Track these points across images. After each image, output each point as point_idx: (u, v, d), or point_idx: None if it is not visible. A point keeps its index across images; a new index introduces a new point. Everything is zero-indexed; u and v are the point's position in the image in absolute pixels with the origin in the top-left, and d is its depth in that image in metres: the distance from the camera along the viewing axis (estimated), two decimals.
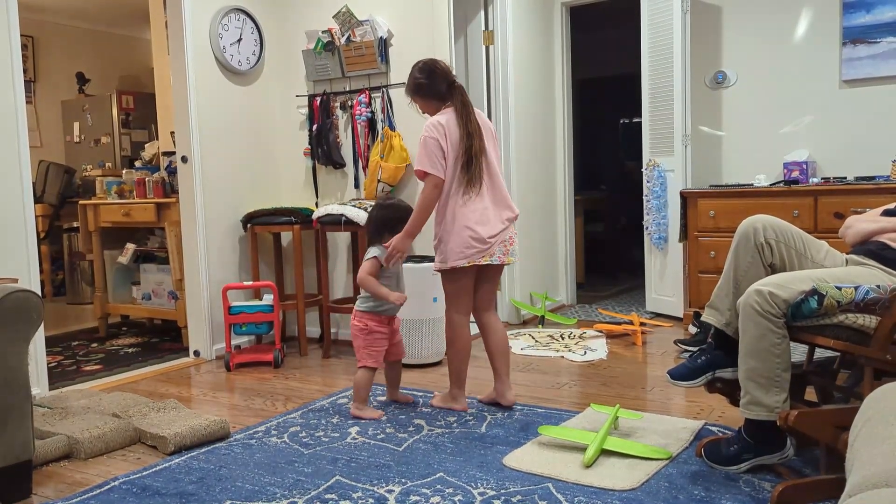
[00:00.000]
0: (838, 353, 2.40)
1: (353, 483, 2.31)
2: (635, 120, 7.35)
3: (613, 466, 2.36)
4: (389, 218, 3.05)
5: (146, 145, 5.48)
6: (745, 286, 2.22)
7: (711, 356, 2.36)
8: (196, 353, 4.20)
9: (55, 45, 7.30)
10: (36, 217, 3.42)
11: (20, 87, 3.29)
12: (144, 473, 2.46)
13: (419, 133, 4.04)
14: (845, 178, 4.34)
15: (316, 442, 2.71)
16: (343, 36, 4.23)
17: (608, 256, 6.97)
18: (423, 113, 3.11)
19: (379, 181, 4.10)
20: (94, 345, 4.65)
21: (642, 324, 4.45)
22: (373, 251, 3.04)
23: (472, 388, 3.35)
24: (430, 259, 3.80)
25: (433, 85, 3.00)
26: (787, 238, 2.35)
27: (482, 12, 4.72)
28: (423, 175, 2.91)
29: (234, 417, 3.07)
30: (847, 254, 2.38)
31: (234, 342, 4.14)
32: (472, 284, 3.00)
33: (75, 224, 6.12)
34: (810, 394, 2.59)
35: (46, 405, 3.09)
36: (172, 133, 4.57)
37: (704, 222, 4.48)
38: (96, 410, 2.98)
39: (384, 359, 3.11)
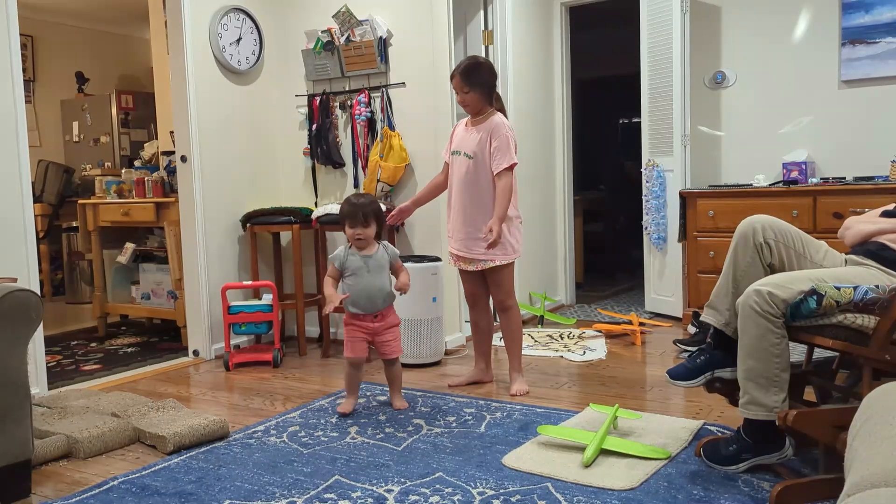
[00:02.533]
0: (837, 353, 2.40)
1: (353, 483, 2.31)
2: (634, 120, 7.35)
3: (612, 466, 2.36)
4: (343, 213, 3.03)
5: (145, 145, 5.48)
6: (744, 286, 2.22)
7: (710, 356, 2.36)
8: (195, 353, 4.20)
9: (54, 44, 7.29)
10: (35, 216, 3.41)
11: (19, 87, 3.29)
12: (143, 473, 2.46)
13: (418, 133, 4.09)
14: (844, 178, 4.35)
15: (315, 441, 2.71)
16: (343, 36, 4.23)
17: (607, 256, 6.97)
18: (462, 103, 3.21)
19: (378, 181, 4.10)
20: (94, 344, 4.65)
21: (641, 324, 4.45)
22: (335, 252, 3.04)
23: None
24: (430, 259, 3.80)
25: (494, 89, 3.23)
26: (787, 238, 2.35)
27: (482, 12, 4.72)
28: (512, 167, 3.14)
29: (233, 417, 3.07)
30: (846, 254, 2.39)
31: (233, 342, 4.14)
32: None
33: (74, 223, 6.11)
34: (809, 394, 2.59)
35: (45, 405, 3.09)
36: (172, 132, 4.57)
37: (703, 222, 4.48)
38: (95, 410, 2.98)
39: (381, 358, 3.12)
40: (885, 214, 2.41)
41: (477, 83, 3.13)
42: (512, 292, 3.28)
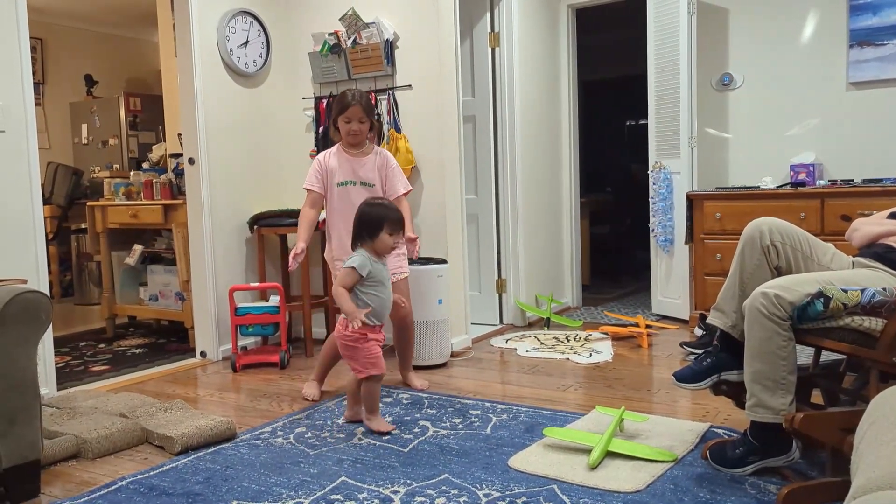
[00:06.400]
0: (844, 356, 2.39)
1: (359, 484, 2.32)
2: (641, 122, 7.35)
3: (618, 468, 2.36)
4: (384, 216, 2.84)
5: (153, 147, 5.51)
6: (751, 288, 2.22)
7: (717, 358, 2.36)
8: (202, 354, 4.21)
9: (64, 47, 7.34)
10: (44, 218, 3.44)
11: (29, 89, 3.31)
12: (151, 473, 2.47)
13: (424, 135, 4.11)
14: (852, 180, 4.34)
15: (322, 443, 2.72)
16: (349, 38, 4.25)
17: (614, 259, 6.96)
18: (356, 132, 3.32)
19: None
20: (102, 345, 4.68)
21: (648, 326, 4.45)
22: (354, 259, 2.78)
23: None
24: (436, 261, 3.81)
25: None
26: (794, 241, 2.35)
27: (488, 14, 4.73)
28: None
29: (240, 418, 3.08)
30: (853, 257, 2.38)
31: (240, 343, 4.15)
32: None
33: (83, 225, 6.15)
34: (816, 397, 2.59)
35: (54, 405, 3.11)
36: (180, 135, 4.58)
37: (710, 224, 4.48)
38: (104, 411, 3.00)
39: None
40: (893, 216, 2.40)
41: (373, 116, 3.38)
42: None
